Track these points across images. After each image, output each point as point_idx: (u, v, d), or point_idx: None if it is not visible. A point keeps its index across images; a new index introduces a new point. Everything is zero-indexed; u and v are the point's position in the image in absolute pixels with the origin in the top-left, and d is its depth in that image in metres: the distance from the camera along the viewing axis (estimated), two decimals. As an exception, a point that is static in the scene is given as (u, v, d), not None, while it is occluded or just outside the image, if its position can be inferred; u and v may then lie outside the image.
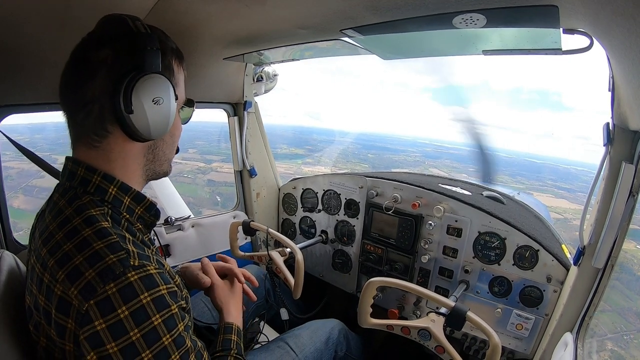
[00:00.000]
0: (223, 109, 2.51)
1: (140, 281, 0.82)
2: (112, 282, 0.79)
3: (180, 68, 1.07)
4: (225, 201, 11.10)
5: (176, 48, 1.06)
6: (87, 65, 0.92)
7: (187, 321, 0.94)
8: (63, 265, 0.82)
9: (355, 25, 1.31)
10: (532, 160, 51.37)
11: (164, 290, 0.86)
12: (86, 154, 0.97)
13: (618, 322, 3.70)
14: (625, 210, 1.29)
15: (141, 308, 0.80)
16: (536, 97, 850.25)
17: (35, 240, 0.96)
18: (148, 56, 0.93)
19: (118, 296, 0.79)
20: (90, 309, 0.78)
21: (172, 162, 1.15)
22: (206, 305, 1.85)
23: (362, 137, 56.06)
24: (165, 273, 0.92)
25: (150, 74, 0.93)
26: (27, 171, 6.11)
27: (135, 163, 1.02)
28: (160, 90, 0.95)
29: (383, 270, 2.32)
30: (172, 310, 0.86)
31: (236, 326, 1.27)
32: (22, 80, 1.50)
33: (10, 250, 1.51)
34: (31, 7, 1.13)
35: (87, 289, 0.79)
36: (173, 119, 1.01)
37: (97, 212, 0.90)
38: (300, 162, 25.46)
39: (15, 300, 1.04)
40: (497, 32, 1.25)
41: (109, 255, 0.81)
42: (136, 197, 1.02)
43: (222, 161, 14.40)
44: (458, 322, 1.44)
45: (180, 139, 1.18)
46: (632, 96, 1.10)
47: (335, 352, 1.76)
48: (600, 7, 0.87)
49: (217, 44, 1.73)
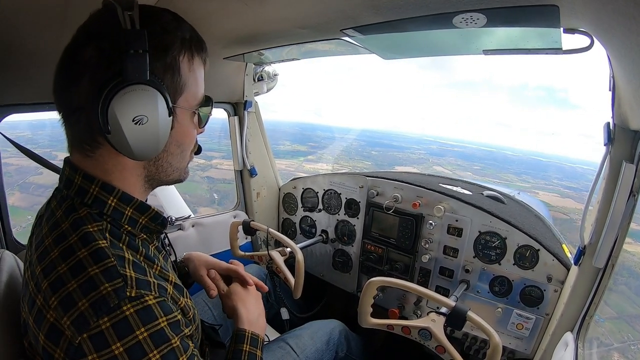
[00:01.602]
0: (223, 109, 2.51)
1: (137, 315, 0.75)
2: (106, 316, 0.72)
3: (192, 63, 0.90)
4: (222, 199, 10.92)
5: (189, 38, 0.88)
6: (73, 66, 0.81)
7: (192, 349, 0.87)
8: (57, 291, 0.76)
9: (355, 25, 1.31)
10: (537, 159, 51.16)
11: (164, 323, 0.79)
12: (82, 161, 0.89)
13: (625, 330, 3.57)
14: (626, 210, 1.29)
15: (137, 344, 0.74)
16: (542, 94, 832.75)
17: (32, 249, 0.89)
18: (130, 62, 0.76)
19: (112, 331, 0.72)
20: (84, 342, 0.72)
21: (186, 169, 1.02)
22: (207, 305, 1.85)
23: (367, 134, 55.88)
24: (168, 299, 0.84)
25: (131, 85, 0.77)
26: (26, 167, 6.08)
27: (134, 175, 0.92)
28: (144, 107, 0.78)
29: (383, 270, 2.32)
30: (172, 344, 0.79)
31: (250, 333, 1.17)
32: (22, 80, 1.50)
33: (10, 249, 1.51)
34: (30, 4, 1.13)
35: (80, 321, 0.72)
36: (165, 137, 0.84)
37: (94, 228, 0.83)
38: (302, 159, 25.41)
39: (16, 301, 1.03)
40: (498, 31, 1.25)
41: (104, 284, 0.74)
42: (139, 208, 0.93)
43: (222, 158, 14.34)
44: (458, 322, 1.43)
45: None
46: (633, 96, 1.09)
47: (336, 352, 1.76)
48: (601, 7, 0.87)
49: (217, 43, 1.73)
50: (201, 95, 0.95)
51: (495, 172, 32.71)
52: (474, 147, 51.73)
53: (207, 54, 0.96)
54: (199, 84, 0.93)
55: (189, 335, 0.90)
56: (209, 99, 0.99)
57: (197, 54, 0.91)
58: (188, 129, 0.95)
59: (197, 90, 0.93)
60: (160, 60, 0.82)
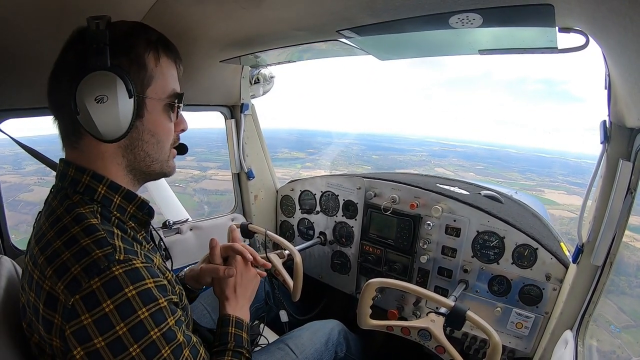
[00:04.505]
0: (220, 112, 2.51)
1: (125, 275, 0.82)
2: (96, 277, 0.79)
3: (159, 61, 1.01)
4: (212, 211, 10.80)
5: (155, 40, 1.01)
6: (59, 70, 0.95)
7: (180, 316, 0.93)
8: (52, 262, 0.83)
9: (351, 26, 1.32)
10: (541, 155, 50.78)
11: (151, 284, 0.86)
12: (72, 155, 1.00)
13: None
14: (623, 207, 1.29)
15: (126, 302, 0.80)
16: (542, 88, 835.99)
17: (31, 241, 0.97)
18: (93, 54, 0.89)
19: (103, 290, 0.79)
20: (76, 303, 0.78)
21: (168, 162, 1.10)
22: (206, 309, 1.84)
23: (367, 138, 55.55)
24: (154, 267, 0.92)
25: (95, 71, 0.89)
26: (18, 185, 5.99)
27: (115, 163, 1.00)
28: (105, 88, 0.89)
29: (382, 271, 2.32)
30: (160, 304, 0.86)
31: (234, 317, 1.22)
32: (20, 85, 1.51)
33: (8, 255, 1.50)
34: (29, 10, 1.13)
35: (72, 284, 0.79)
36: (130, 117, 0.94)
37: (86, 210, 0.91)
38: (299, 166, 25.29)
39: (14, 305, 1.04)
40: (493, 31, 1.26)
41: (95, 251, 0.82)
42: (127, 196, 1.01)
43: (218, 168, 14.01)
44: (458, 322, 1.43)
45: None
46: (628, 94, 1.10)
47: (336, 352, 1.75)
48: (596, 6, 0.88)
49: (213, 46, 1.73)
50: (171, 89, 1.05)
51: (498, 171, 32.50)
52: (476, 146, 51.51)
53: (177, 56, 1.08)
54: (167, 79, 1.04)
55: (175, 303, 0.95)
56: (179, 94, 1.07)
57: (165, 54, 1.03)
58: (160, 119, 1.03)
59: (166, 84, 1.03)
60: (126, 56, 0.95)
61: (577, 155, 38.26)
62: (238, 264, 1.35)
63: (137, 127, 0.98)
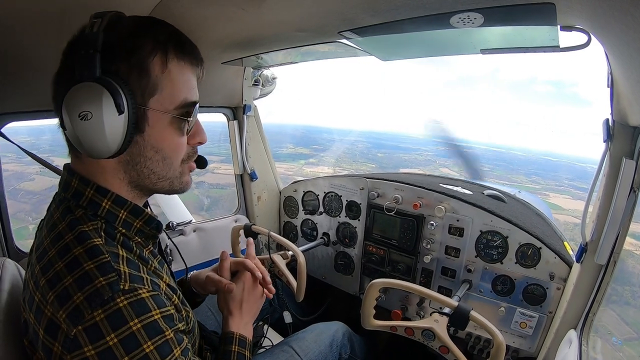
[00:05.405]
0: (223, 113, 2.52)
1: (130, 307, 0.77)
2: (100, 308, 0.75)
3: (167, 65, 0.88)
4: (211, 205, 10.59)
5: (164, 40, 0.88)
6: (56, 76, 0.88)
7: (187, 344, 0.90)
8: (53, 286, 0.78)
9: (353, 27, 1.32)
10: (547, 158, 50.35)
11: (157, 315, 0.81)
12: (76, 163, 0.93)
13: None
14: (627, 206, 1.29)
15: (131, 335, 0.76)
16: (552, 90, 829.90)
17: (33, 251, 0.93)
18: (79, 62, 0.80)
19: (106, 323, 0.75)
20: (79, 334, 0.74)
21: (180, 179, 1.00)
22: (210, 310, 1.85)
23: (373, 136, 55.18)
24: (161, 294, 0.87)
25: (80, 83, 0.79)
26: (20, 173, 6.00)
27: (116, 178, 0.92)
28: (89, 103, 0.79)
29: (385, 271, 2.32)
30: (166, 336, 0.82)
31: (238, 335, 1.19)
32: (21, 88, 1.51)
33: (12, 257, 1.51)
34: (29, 13, 1.13)
35: (75, 314, 0.75)
36: (118, 135, 0.82)
37: (89, 227, 0.85)
38: (302, 163, 25.10)
39: (17, 308, 1.04)
40: (495, 30, 1.26)
41: (99, 278, 0.77)
42: (133, 211, 0.94)
43: (220, 162, 13.98)
44: (462, 322, 1.43)
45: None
46: (631, 92, 1.10)
47: (340, 354, 1.75)
48: (597, 4, 0.88)
49: (215, 48, 1.73)
50: (181, 99, 0.92)
51: (504, 173, 32.23)
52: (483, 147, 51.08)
53: (194, 58, 0.95)
54: (177, 87, 0.91)
55: (182, 330, 0.92)
56: (192, 104, 0.95)
57: (176, 56, 0.90)
58: (165, 133, 0.91)
59: (175, 93, 0.90)
60: (125, 61, 0.84)
61: (584, 159, 37.88)
62: (246, 281, 1.32)
63: (137, 142, 0.88)
